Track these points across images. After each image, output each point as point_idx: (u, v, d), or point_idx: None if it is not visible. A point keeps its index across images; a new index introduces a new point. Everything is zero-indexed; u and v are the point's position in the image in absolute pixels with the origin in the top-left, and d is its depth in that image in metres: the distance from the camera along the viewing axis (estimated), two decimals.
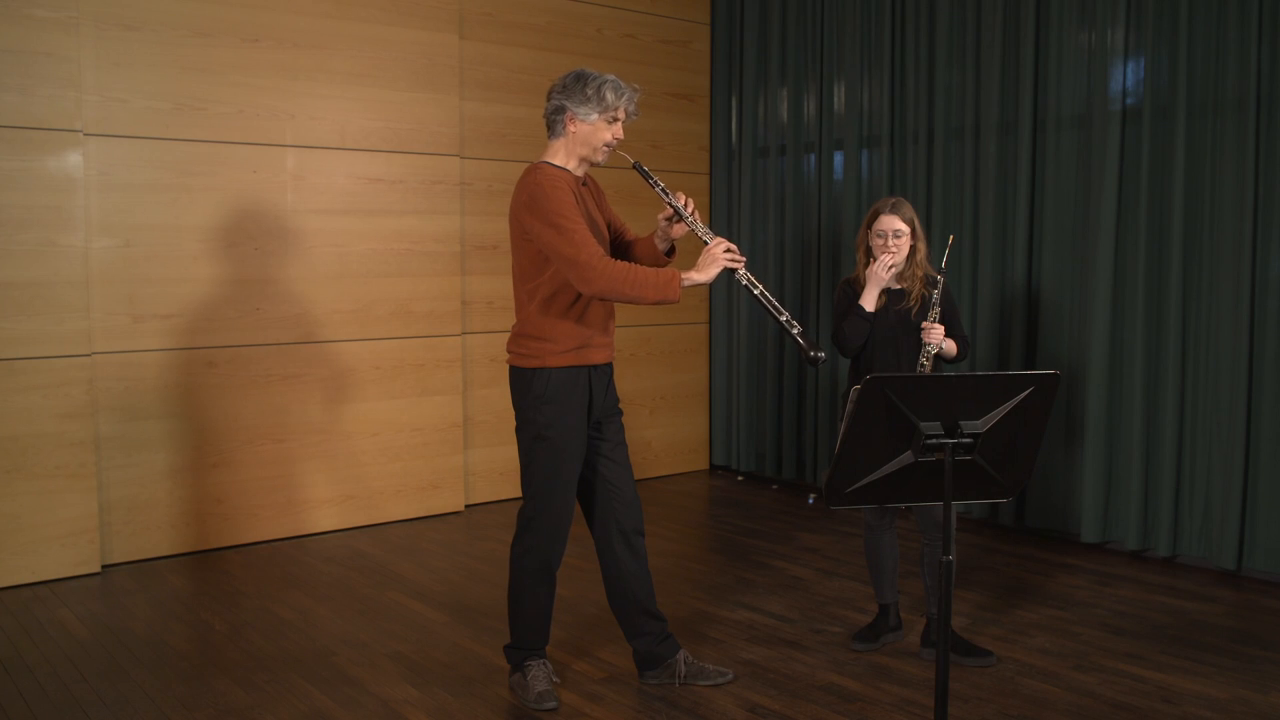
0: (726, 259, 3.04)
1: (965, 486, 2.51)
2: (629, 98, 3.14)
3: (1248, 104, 4.30)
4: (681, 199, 3.20)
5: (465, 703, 3.25)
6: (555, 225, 2.98)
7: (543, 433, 3.13)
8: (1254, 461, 4.38)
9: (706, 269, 3.03)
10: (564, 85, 3.13)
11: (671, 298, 2.99)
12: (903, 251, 3.53)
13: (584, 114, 3.09)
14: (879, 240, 3.54)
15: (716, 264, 3.03)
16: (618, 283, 2.95)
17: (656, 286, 2.97)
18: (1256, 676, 3.43)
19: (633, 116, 3.17)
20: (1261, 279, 4.33)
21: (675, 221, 3.25)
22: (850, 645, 3.66)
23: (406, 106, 5.29)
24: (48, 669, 3.50)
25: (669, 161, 6.30)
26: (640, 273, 2.97)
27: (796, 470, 6.26)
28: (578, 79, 3.11)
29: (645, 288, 2.96)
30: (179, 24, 4.63)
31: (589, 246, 2.96)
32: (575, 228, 2.98)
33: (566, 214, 2.99)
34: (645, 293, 2.96)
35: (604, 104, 3.09)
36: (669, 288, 2.98)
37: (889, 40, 5.57)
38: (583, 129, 3.11)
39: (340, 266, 5.13)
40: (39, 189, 4.32)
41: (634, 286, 2.96)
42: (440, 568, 4.62)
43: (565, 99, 3.10)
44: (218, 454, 4.84)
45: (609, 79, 3.11)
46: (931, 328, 3.45)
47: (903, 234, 3.53)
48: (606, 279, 2.95)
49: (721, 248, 3.04)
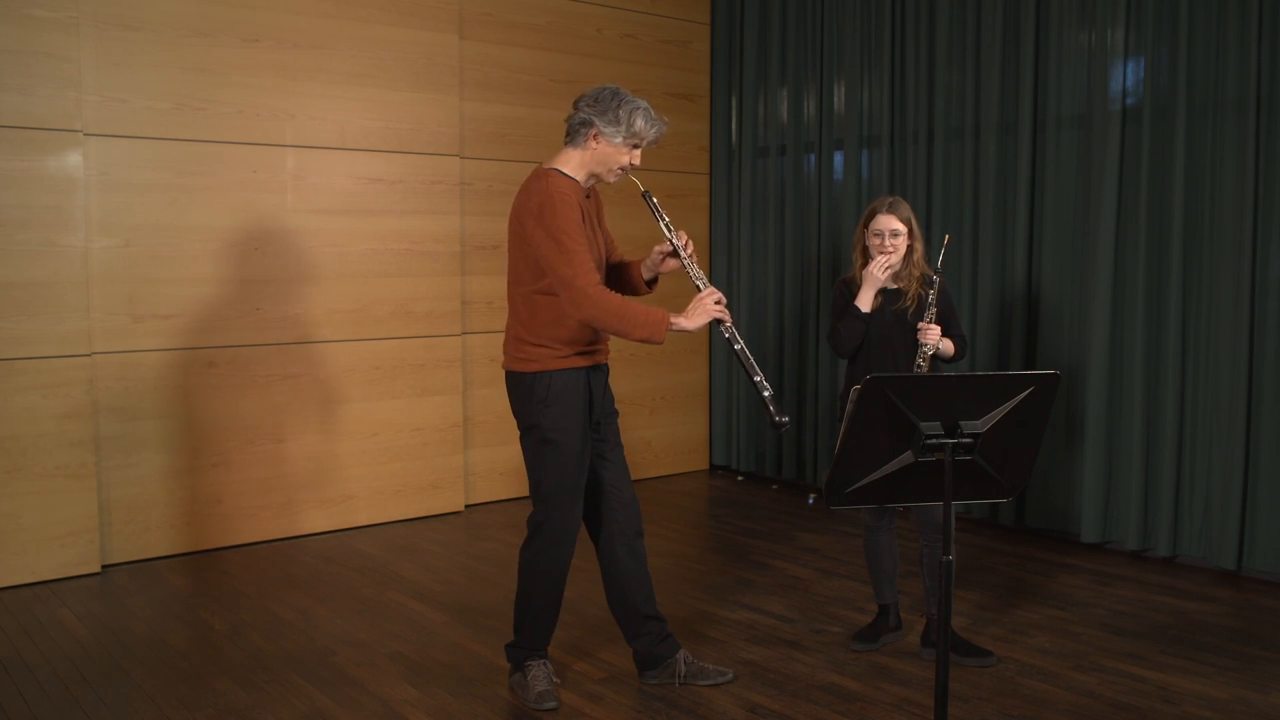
0: (715, 310, 3.05)
1: (965, 486, 2.51)
2: (658, 130, 3.11)
3: (1248, 104, 4.30)
4: (683, 239, 3.19)
5: (465, 703, 3.25)
6: (558, 242, 2.98)
7: (549, 435, 3.13)
8: (1254, 461, 4.38)
9: (695, 317, 3.04)
10: (596, 99, 3.09)
11: (656, 339, 3.00)
12: (900, 251, 3.53)
13: (610, 134, 3.07)
14: (876, 240, 3.53)
15: (705, 314, 3.04)
16: (608, 314, 2.97)
17: (644, 326, 2.98)
18: (1256, 676, 3.43)
19: (653, 145, 3.15)
20: (1261, 279, 4.33)
21: (671, 257, 3.24)
22: (850, 646, 3.66)
23: (406, 106, 5.29)
24: (48, 669, 3.50)
25: (669, 161, 6.30)
26: (631, 309, 2.99)
27: (796, 470, 6.26)
28: (613, 97, 3.08)
29: (633, 325, 2.98)
30: (179, 24, 4.63)
31: (587, 272, 2.98)
32: (577, 249, 2.98)
33: (572, 232, 2.99)
34: (632, 330, 2.98)
35: (632, 130, 3.07)
36: (656, 329, 2.99)
37: (889, 40, 5.57)
38: (604, 148, 3.09)
39: (340, 266, 5.13)
40: (39, 189, 4.32)
41: (622, 320, 2.97)
42: (440, 568, 4.62)
43: (595, 114, 3.07)
44: (217, 454, 4.84)
45: (641, 105, 3.08)
46: (928, 328, 3.44)
47: (900, 233, 3.52)
48: (598, 308, 2.96)
49: (712, 299, 3.05)
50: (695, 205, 6.55)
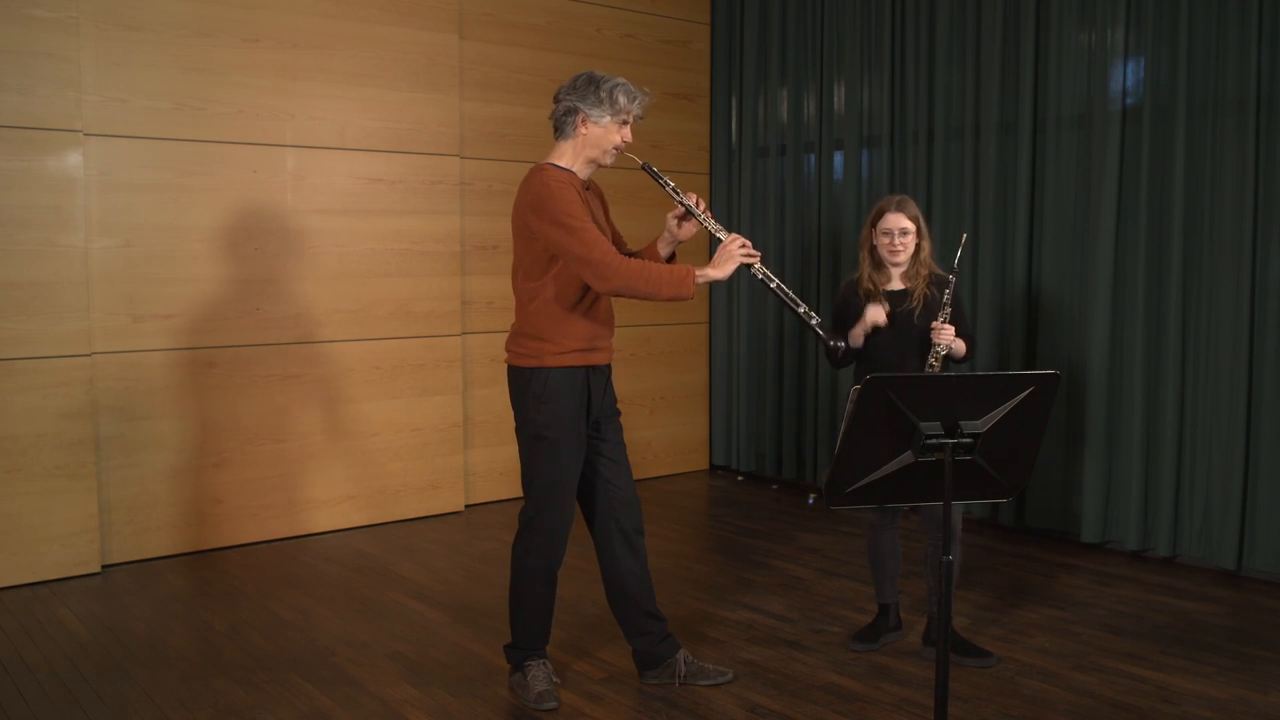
0: (742, 254, 3.03)
1: (965, 486, 2.51)
2: (640, 101, 3.13)
3: (1248, 104, 4.30)
4: (693, 198, 3.19)
5: (465, 703, 3.25)
6: (564, 225, 2.97)
7: (541, 432, 3.13)
8: (1254, 461, 4.38)
9: (723, 265, 3.02)
10: (574, 87, 3.11)
11: (686, 294, 2.98)
12: (908, 250, 3.52)
13: (596, 116, 3.08)
14: (885, 239, 3.52)
15: (733, 260, 3.02)
16: (633, 279, 2.95)
17: (671, 283, 2.96)
18: (1256, 676, 3.43)
19: (639, 119, 3.17)
20: (1261, 279, 4.33)
21: (686, 220, 3.22)
22: (849, 646, 3.66)
23: (406, 106, 5.29)
24: (48, 669, 3.50)
25: (669, 161, 6.30)
26: (654, 269, 2.97)
27: (796, 470, 6.26)
28: (590, 81, 3.10)
29: (660, 284, 2.96)
30: (179, 24, 4.63)
31: (600, 244, 2.96)
32: (584, 226, 2.98)
33: (574, 213, 2.99)
34: (660, 289, 2.96)
35: (616, 107, 3.09)
36: (684, 284, 2.97)
37: (889, 40, 5.57)
38: (594, 131, 3.10)
39: (340, 266, 5.13)
40: (39, 189, 4.32)
41: (648, 283, 2.95)
42: (440, 568, 4.62)
43: (578, 100, 3.09)
44: (218, 454, 4.84)
45: (620, 81, 3.11)
46: (941, 328, 3.41)
47: (909, 232, 3.50)
48: (622, 276, 2.94)
49: (737, 243, 3.03)
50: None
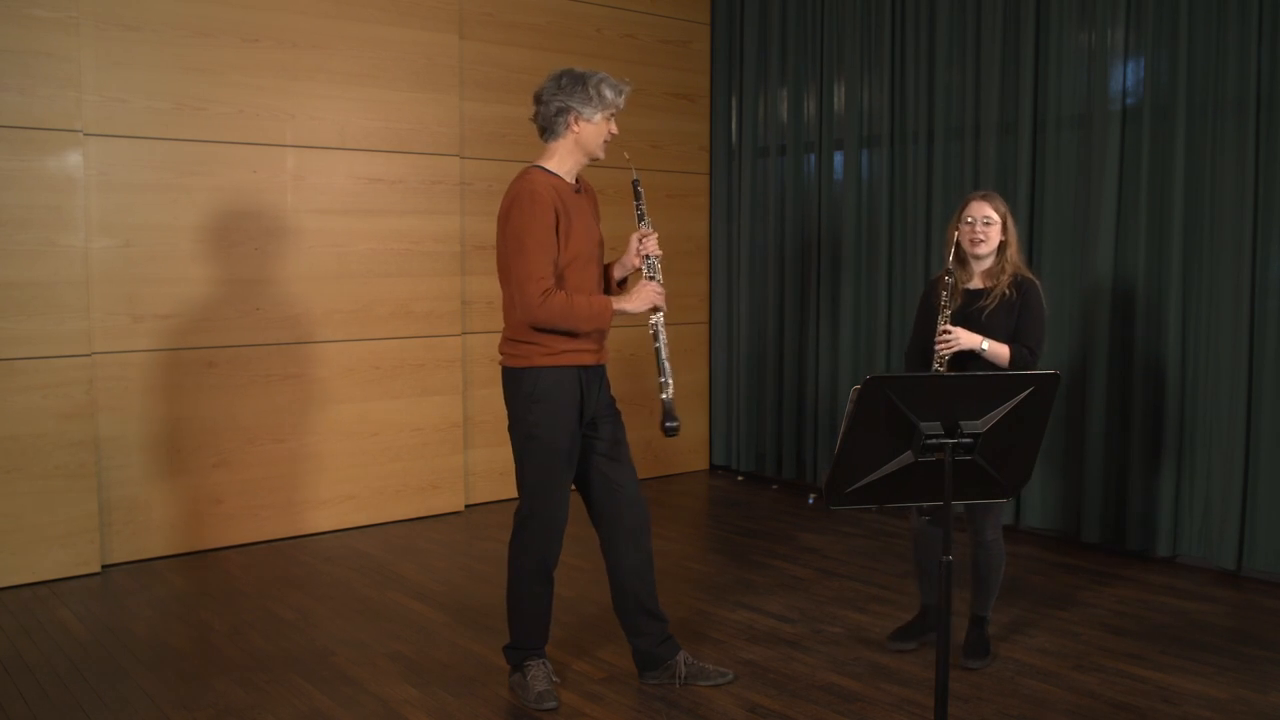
0: (655, 297, 3.19)
1: (965, 486, 2.51)
2: (624, 93, 3.17)
3: (1248, 104, 4.30)
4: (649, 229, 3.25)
5: (465, 703, 3.25)
6: (519, 241, 3.03)
7: (532, 432, 3.15)
8: (1254, 461, 4.38)
9: (637, 300, 3.20)
10: (560, 86, 3.12)
11: (604, 325, 3.16)
12: (991, 242, 3.44)
13: (589, 114, 3.11)
14: (967, 225, 3.45)
15: (647, 301, 3.19)
16: (555, 317, 3.08)
17: (590, 318, 3.13)
18: (1256, 676, 3.43)
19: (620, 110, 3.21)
20: (1261, 279, 4.33)
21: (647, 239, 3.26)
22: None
23: (406, 106, 5.29)
24: (48, 669, 3.49)
25: (669, 161, 6.30)
26: (576, 306, 3.09)
27: (796, 470, 6.26)
28: (576, 79, 3.11)
29: (580, 320, 3.12)
30: (179, 24, 4.63)
31: (541, 280, 3.03)
32: (536, 255, 3.02)
33: (536, 234, 3.02)
34: (581, 325, 3.13)
35: (605, 101, 3.12)
36: (602, 316, 3.13)
37: (889, 40, 5.57)
38: (587, 129, 3.12)
39: (340, 266, 5.13)
40: (39, 189, 4.32)
41: (569, 319, 3.10)
42: (440, 568, 4.62)
43: (569, 100, 3.10)
44: (218, 454, 4.84)
45: (603, 76, 3.14)
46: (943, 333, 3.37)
47: (993, 221, 3.43)
48: (545, 313, 3.06)
49: (653, 287, 3.20)
50: (695, 205, 6.54)
